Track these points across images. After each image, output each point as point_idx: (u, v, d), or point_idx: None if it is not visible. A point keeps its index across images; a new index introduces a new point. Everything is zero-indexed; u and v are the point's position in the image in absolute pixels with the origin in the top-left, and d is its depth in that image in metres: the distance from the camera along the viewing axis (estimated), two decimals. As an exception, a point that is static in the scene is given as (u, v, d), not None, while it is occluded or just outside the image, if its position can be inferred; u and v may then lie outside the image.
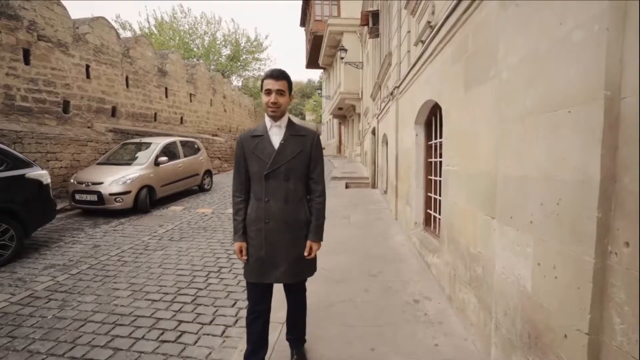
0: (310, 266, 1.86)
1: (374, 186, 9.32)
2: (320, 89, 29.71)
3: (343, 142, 22.40)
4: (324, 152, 24.26)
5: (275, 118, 1.71)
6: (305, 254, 1.76)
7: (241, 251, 1.79)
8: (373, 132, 9.47)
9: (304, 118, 51.61)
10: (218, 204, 7.49)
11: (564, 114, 1.21)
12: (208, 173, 9.31)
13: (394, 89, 5.36)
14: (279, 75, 1.65)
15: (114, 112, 9.09)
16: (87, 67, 8.20)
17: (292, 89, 1.73)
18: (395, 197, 5.33)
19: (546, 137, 1.32)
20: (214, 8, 43.06)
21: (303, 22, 26.49)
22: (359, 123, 15.07)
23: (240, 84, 24.33)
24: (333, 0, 20.03)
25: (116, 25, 18.59)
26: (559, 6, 1.25)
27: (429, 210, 3.93)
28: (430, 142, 3.89)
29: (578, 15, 1.15)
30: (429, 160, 3.91)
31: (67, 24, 7.68)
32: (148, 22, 20.19)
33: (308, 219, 1.77)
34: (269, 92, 1.64)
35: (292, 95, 1.76)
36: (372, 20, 8.80)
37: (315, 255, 1.84)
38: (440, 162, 3.17)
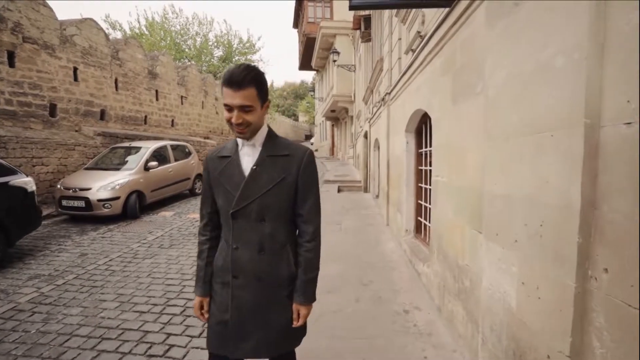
0: (295, 335, 1.33)
1: (366, 190, 9.36)
2: (313, 91, 29.73)
3: (336, 144, 22.46)
4: (317, 154, 24.34)
5: (246, 137, 1.22)
6: (294, 322, 1.29)
7: (202, 307, 1.34)
8: (365, 136, 9.51)
9: (297, 119, 51.63)
10: (209, 209, 7.42)
11: (547, 137, 1.23)
12: (199, 177, 9.22)
13: (386, 95, 5.39)
14: (241, 80, 1.09)
15: (102, 115, 8.95)
16: (75, 69, 8.05)
17: (266, 94, 1.18)
18: (387, 203, 5.36)
19: (530, 159, 1.34)
20: (206, 8, 42.80)
21: (296, 24, 26.50)
22: (352, 125, 15.12)
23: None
24: (326, 3, 20.10)
25: (105, 25, 18.40)
26: (543, 30, 1.27)
27: (419, 218, 3.95)
28: (420, 150, 3.93)
29: (559, 41, 1.17)
30: (420, 168, 3.94)
31: (53, 25, 7.54)
32: (138, 22, 19.84)
33: (293, 273, 1.28)
34: (229, 108, 1.13)
35: (270, 101, 1.25)
36: (364, 25, 8.86)
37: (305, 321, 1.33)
38: (431, 170, 3.20)
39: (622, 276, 0.94)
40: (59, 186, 6.30)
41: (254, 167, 1.22)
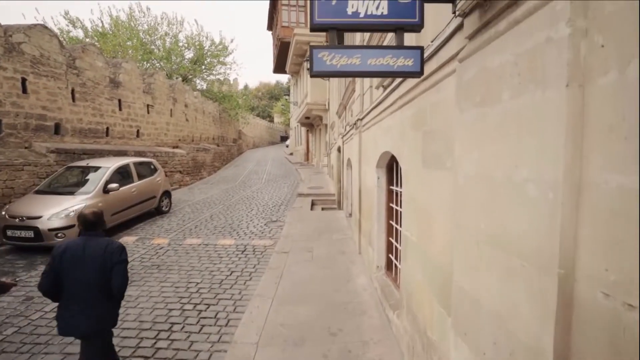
0: None
1: (340, 205, 9.27)
2: (289, 94, 29.39)
3: (311, 149, 22.28)
4: (292, 158, 23.93)
5: None
6: None
7: None
8: (339, 150, 9.42)
9: (272, 121, 50.95)
10: (176, 231, 7.05)
11: (518, 264, 1.14)
12: (166, 194, 8.75)
13: (357, 121, 5.30)
14: None
15: (57, 129, 8.25)
16: (24, 80, 7.35)
17: None
18: (359, 232, 5.27)
19: (500, 278, 1.24)
20: (175, 8, 41.09)
21: (270, 26, 26.05)
22: (326, 134, 15.01)
23: (204, 87, 23.39)
24: (300, 7, 19.87)
25: (65, 22, 17.08)
26: (515, 147, 1.17)
27: (390, 255, 3.88)
28: (392, 187, 3.85)
29: (532, 168, 1.08)
30: (390, 205, 3.86)
31: (-2, 32, 6.85)
32: (102, 20, 18.61)
33: None
34: None
35: None
36: (337, 39, 8.73)
37: None
38: (402, 212, 3.11)
39: None
40: (3, 213, 5.71)
41: None
